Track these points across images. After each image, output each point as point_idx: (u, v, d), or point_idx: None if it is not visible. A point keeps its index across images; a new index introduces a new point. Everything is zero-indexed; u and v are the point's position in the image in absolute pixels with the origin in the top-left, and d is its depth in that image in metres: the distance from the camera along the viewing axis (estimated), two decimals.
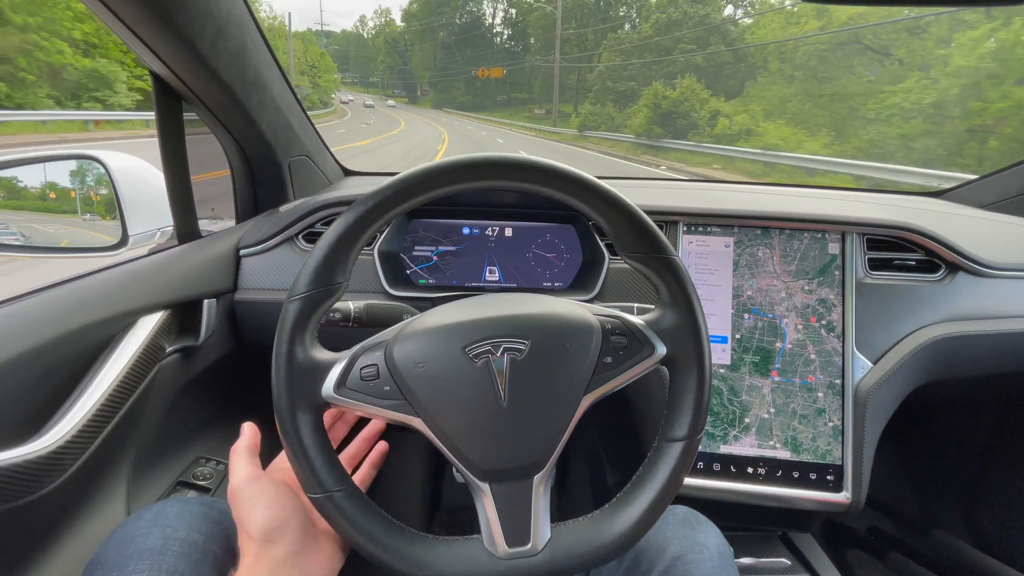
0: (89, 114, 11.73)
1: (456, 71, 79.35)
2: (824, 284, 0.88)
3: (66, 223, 0.96)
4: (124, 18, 0.62)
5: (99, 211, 0.93)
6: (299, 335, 0.45)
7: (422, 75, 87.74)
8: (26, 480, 0.51)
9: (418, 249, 0.93)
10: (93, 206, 0.94)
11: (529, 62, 63.92)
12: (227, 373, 0.90)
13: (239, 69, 0.78)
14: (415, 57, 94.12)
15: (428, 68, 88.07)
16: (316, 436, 0.45)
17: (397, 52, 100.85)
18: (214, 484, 0.77)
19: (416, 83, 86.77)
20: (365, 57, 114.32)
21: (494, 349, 0.46)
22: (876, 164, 8.74)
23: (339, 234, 0.45)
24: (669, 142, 16.81)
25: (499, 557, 0.45)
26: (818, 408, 0.85)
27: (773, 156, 11.66)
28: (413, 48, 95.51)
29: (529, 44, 70.29)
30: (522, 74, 66.98)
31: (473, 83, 72.04)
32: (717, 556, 0.56)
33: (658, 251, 0.49)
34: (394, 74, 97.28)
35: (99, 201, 0.93)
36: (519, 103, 61.90)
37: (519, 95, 64.72)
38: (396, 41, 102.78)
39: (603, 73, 30.64)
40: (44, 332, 0.56)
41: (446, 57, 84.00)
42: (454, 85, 77.63)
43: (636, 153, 17.22)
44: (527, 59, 66.69)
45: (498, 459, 0.46)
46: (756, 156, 12.06)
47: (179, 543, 0.47)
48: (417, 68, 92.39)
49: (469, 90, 73.86)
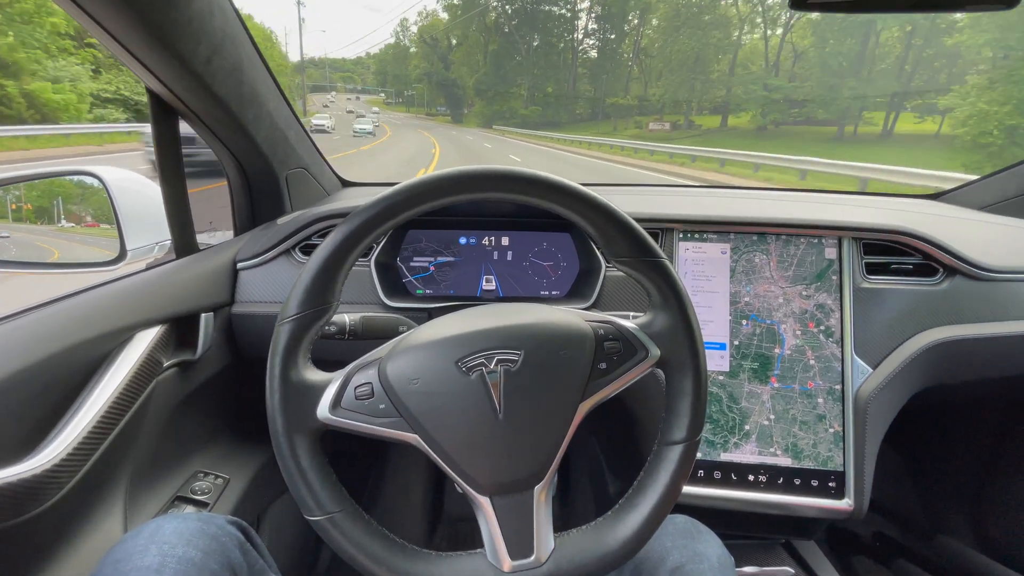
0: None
1: (513, 70, 52.82)
2: (822, 289, 0.88)
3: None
4: (119, 38, 0.63)
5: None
6: (292, 357, 0.46)
7: (466, 80, 60.57)
8: (23, 498, 0.51)
9: (415, 260, 0.93)
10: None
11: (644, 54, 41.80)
12: (225, 387, 0.90)
13: (235, 85, 0.79)
14: (458, 57, 64.76)
15: (474, 69, 58.75)
16: (313, 458, 0.45)
17: (437, 55, 71.60)
18: (212, 499, 0.77)
19: (463, 95, 62.02)
20: (406, 74, 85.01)
21: (487, 361, 0.46)
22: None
23: (328, 253, 0.46)
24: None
25: (503, 570, 0.45)
26: (818, 414, 0.85)
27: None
28: (458, 50, 65.57)
29: (628, 29, 45.67)
30: (617, 70, 46.25)
31: (541, 86, 49.85)
32: (717, 566, 0.55)
33: (646, 254, 0.49)
34: (432, 85, 72.01)
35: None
36: (621, 113, 41.22)
37: (619, 101, 43.38)
38: (437, 41, 72.73)
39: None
40: (42, 349, 0.57)
41: (501, 51, 54.48)
42: (511, 93, 51.53)
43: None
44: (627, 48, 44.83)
45: (497, 472, 0.46)
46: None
47: (176, 560, 0.47)
48: (461, 73, 63.17)
49: (537, 98, 49.78)
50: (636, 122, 35.79)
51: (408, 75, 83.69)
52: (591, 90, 48.85)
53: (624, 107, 42.65)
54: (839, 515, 0.82)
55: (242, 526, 0.57)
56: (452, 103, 66.59)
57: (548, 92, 50.10)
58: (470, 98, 60.77)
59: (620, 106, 43.04)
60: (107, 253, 0.86)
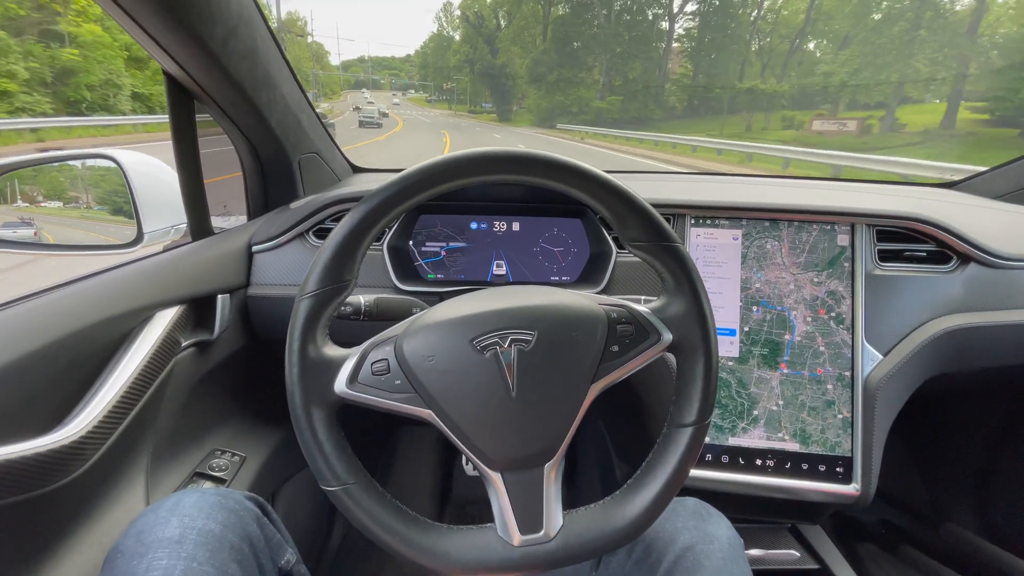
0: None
1: (583, 47, 38.27)
2: (833, 276, 0.87)
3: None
4: (137, 18, 0.64)
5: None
6: (310, 333, 0.46)
7: (516, 67, 45.65)
8: (50, 469, 0.53)
9: (426, 244, 0.94)
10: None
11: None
12: (241, 367, 0.92)
13: (249, 68, 0.79)
14: (507, 36, 48.43)
15: (527, 48, 44.78)
16: (330, 431, 0.47)
17: (482, 37, 53.96)
18: (230, 475, 0.79)
19: (512, 87, 46.86)
20: (446, 64, 68.42)
21: (501, 341, 0.46)
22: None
23: (346, 233, 0.46)
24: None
25: (513, 544, 0.46)
26: (827, 400, 0.85)
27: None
28: (507, 29, 49.52)
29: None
30: (731, 46, 32.33)
31: (622, 69, 35.56)
32: (727, 547, 0.56)
33: (662, 239, 0.50)
34: (475, 75, 55.50)
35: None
36: (749, 105, 27.47)
37: (759, 87, 28.35)
38: (483, 20, 55.09)
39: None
40: (66, 326, 0.58)
41: (568, 21, 40.16)
42: (578, 79, 36.94)
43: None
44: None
45: (509, 448, 0.47)
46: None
47: (196, 532, 0.49)
48: (510, 56, 47.52)
49: (616, 86, 35.76)
50: (786, 119, 24.03)
51: (447, 65, 67.09)
52: (689, 73, 34.20)
53: (759, 97, 27.14)
54: (846, 500, 0.82)
55: (259, 502, 0.59)
56: (498, 97, 50.62)
57: (631, 77, 35.13)
58: (521, 90, 45.88)
59: (754, 96, 27.80)
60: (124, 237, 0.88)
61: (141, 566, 0.45)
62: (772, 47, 31.75)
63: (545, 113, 35.86)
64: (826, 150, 10.58)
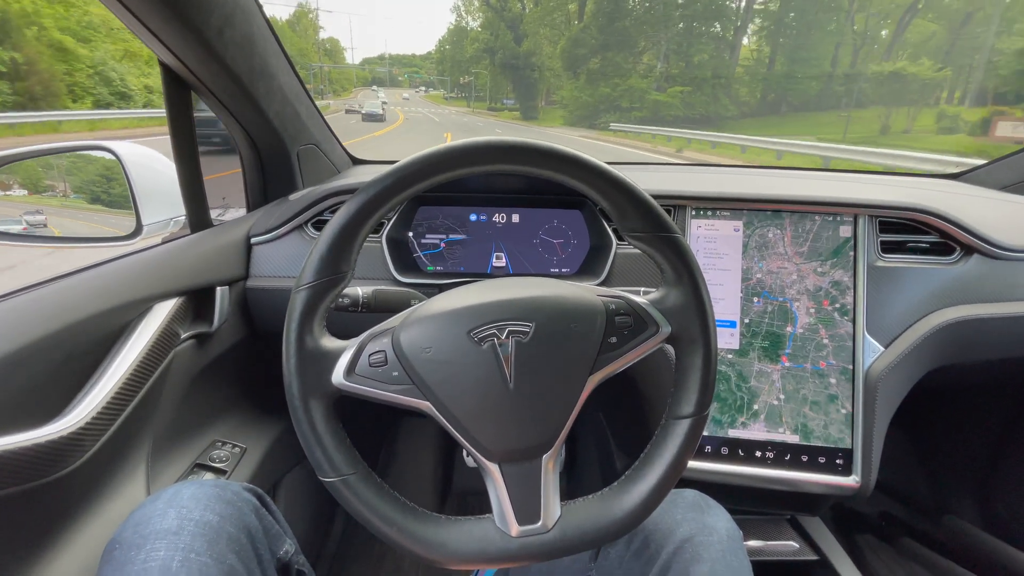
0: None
1: (634, 24, 29.45)
2: (838, 266, 0.86)
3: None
4: (131, 7, 0.63)
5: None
6: (308, 324, 0.46)
7: (543, 55, 38.12)
8: (48, 460, 0.53)
9: (426, 236, 0.94)
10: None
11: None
12: (241, 359, 0.92)
13: (246, 58, 0.79)
14: (534, 17, 40.43)
15: (559, 29, 37.01)
16: (328, 422, 0.47)
17: (504, 22, 45.00)
18: (230, 467, 0.79)
19: (538, 80, 38.82)
20: (463, 56, 57.76)
21: (499, 332, 0.46)
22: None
23: (342, 224, 0.46)
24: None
25: (511, 535, 0.46)
26: (830, 394, 0.84)
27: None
28: (531, 11, 41.81)
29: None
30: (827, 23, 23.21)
31: (683, 53, 27.50)
32: (726, 539, 0.56)
33: (661, 229, 0.49)
34: (495, 66, 46.08)
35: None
36: (881, 94, 19.27)
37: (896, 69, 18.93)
38: (506, 2, 45.66)
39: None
40: (65, 317, 0.58)
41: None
42: (625, 68, 28.78)
43: None
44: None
45: (506, 440, 0.46)
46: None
47: (194, 523, 0.49)
48: (537, 40, 39.51)
49: (671, 75, 26.48)
50: (945, 118, 16.84)
51: (464, 57, 56.59)
52: (763, 58, 24.73)
53: (904, 85, 18.89)
54: (846, 491, 0.82)
55: (257, 493, 0.59)
56: (522, 91, 41.91)
57: (695, 61, 25.94)
58: (549, 82, 37.11)
59: (893, 84, 19.19)
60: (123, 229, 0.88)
61: (139, 557, 0.46)
62: (868, 29, 23.61)
63: (586, 109, 27.68)
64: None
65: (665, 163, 1.33)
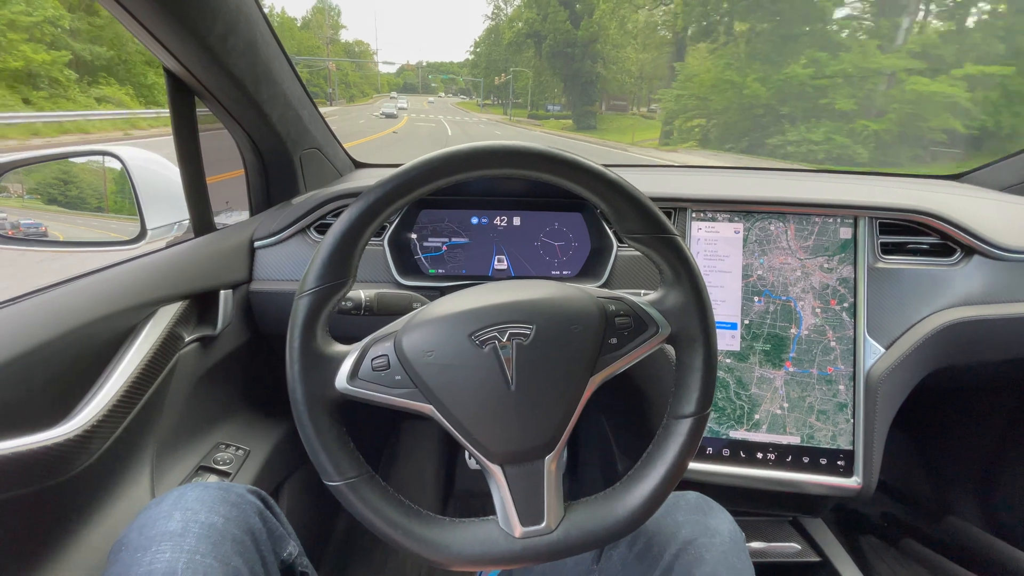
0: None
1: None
2: (845, 261, 0.84)
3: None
4: (136, 14, 0.64)
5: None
6: (310, 330, 0.47)
7: (609, 44, 28.45)
8: (54, 463, 0.54)
9: (428, 240, 0.94)
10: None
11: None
12: (244, 362, 0.92)
13: (249, 64, 0.79)
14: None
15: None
16: (332, 427, 0.47)
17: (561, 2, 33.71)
18: (234, 469, 0.80)
19: (598, 78, 29.09)
20: (500, 55, 48.47)
21: (500, 335, 0.47)
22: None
23: (343, 229, 0.46)
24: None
25: (514, 536, 0.47)
26: (839, 403, 0.81)
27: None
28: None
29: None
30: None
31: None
32: (729, 540, 0.56)
33: (658, 231, 0.49)
34: (541, 58, 35.58)
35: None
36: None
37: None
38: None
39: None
40: (70, 322, 0.59)
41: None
42: (776, 59, 11.75)
43: None
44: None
45: (509, 441, 0.47)
46: None
47: (199, 525, 0.49)
48: (603, 26, 28.75)
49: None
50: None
51: (501, 49, 44.82)
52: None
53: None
54: (847, 493, 0.82)
55: (261, 495, 0.59)
56: (575, 94, 31.15)
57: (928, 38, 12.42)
58: (619, 81, 26.07)
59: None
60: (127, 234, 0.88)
61: (145, 559, 0.46)
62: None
63: (737, 113, 14.37)
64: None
65: (665, 165, 1.33)
